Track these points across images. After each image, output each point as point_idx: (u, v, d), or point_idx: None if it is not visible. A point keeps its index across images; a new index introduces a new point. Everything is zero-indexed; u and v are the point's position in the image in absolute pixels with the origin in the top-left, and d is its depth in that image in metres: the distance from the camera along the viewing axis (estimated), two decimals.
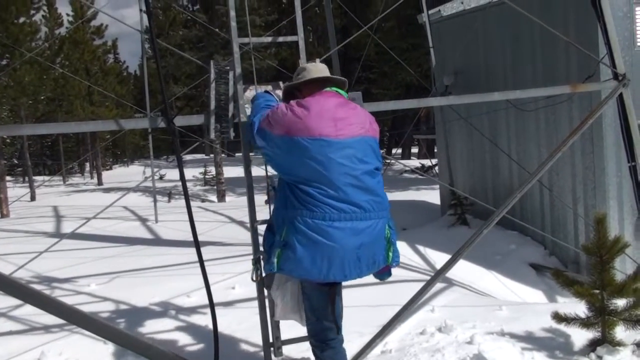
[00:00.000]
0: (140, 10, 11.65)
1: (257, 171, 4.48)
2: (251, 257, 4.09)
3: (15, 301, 4.44)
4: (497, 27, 9.32)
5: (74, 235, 7.37)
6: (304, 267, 3.38)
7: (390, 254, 3.66)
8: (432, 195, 13.36)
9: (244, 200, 4.17)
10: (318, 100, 3.53)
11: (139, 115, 27.02)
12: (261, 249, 3.85)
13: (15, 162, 33.33)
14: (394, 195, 15.69)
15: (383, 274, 3.75)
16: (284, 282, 3.87)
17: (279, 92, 4.18)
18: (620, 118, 6.10)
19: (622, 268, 5.97)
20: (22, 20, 16.82)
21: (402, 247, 8.24)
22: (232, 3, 4.30)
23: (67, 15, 29.92)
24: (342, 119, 3.49)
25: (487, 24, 9.40)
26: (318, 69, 3.77)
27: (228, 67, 4.33)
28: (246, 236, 5.82)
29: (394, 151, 32.83)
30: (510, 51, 9.09)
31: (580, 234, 8.00)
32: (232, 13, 4.28)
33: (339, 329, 3.76)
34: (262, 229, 3.93)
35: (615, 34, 6.03)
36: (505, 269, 7.93)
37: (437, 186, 11.67)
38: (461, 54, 9.79)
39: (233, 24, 4.30)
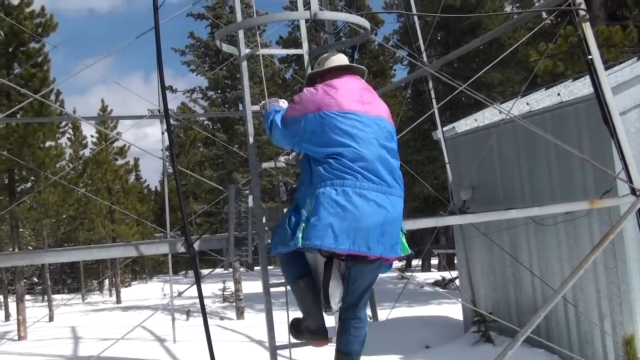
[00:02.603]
0: (162, 133, 12.03)
1: (276, 288, 4.44)
2: None
3: None
4: (511, 143, 9.44)
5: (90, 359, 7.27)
6: (330, 236, 3.40)
7: (406, 243, 3.77)
8: (454, 310, 13.09)
9: (263, 317, 4.15)
10: (345, 81, 3.76)
11: (159, 235, 27.25)
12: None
13: (36, 280, 33.44)
14: (415, 310, 15.39)
15: (386, 266, 3.83)
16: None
17: (283, 104, 4.22)
18: None
19: None
20: (48, 144, 17.29)
21: None
22: (251, 130, 4.40)
23: (92, 136, 30.90)
24: (368, 102, 3.72)
25: (502, 139, 9.53)
26: (339, 59, 3.97)
27: (247, 191, 4.40)
28: (265, 357, 5.72)
29: (414, 263, 32.53)
30: (526, 166, 9.15)
31: (609, 351, 7.72)
32: (251, 140, 4.38)
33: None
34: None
35: (630, 149, 6.11)
36: None
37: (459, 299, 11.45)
38: (477, 168, 9.87)
39: (252, 150, 4.39)
